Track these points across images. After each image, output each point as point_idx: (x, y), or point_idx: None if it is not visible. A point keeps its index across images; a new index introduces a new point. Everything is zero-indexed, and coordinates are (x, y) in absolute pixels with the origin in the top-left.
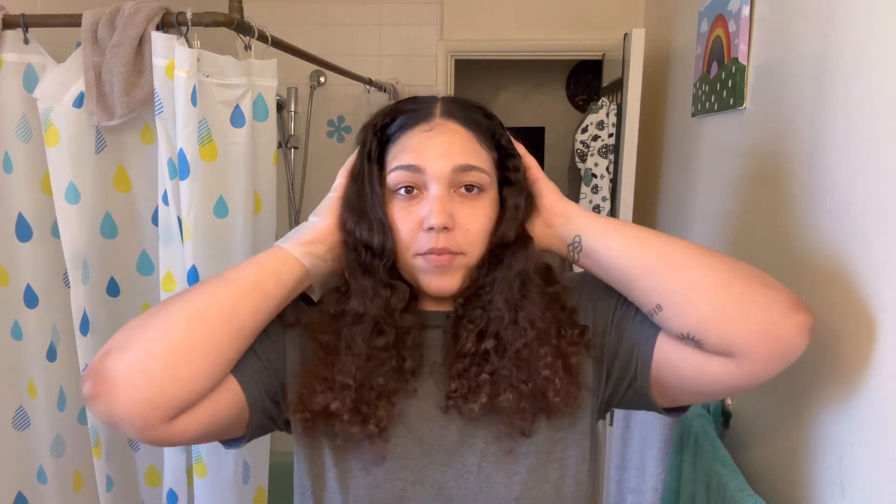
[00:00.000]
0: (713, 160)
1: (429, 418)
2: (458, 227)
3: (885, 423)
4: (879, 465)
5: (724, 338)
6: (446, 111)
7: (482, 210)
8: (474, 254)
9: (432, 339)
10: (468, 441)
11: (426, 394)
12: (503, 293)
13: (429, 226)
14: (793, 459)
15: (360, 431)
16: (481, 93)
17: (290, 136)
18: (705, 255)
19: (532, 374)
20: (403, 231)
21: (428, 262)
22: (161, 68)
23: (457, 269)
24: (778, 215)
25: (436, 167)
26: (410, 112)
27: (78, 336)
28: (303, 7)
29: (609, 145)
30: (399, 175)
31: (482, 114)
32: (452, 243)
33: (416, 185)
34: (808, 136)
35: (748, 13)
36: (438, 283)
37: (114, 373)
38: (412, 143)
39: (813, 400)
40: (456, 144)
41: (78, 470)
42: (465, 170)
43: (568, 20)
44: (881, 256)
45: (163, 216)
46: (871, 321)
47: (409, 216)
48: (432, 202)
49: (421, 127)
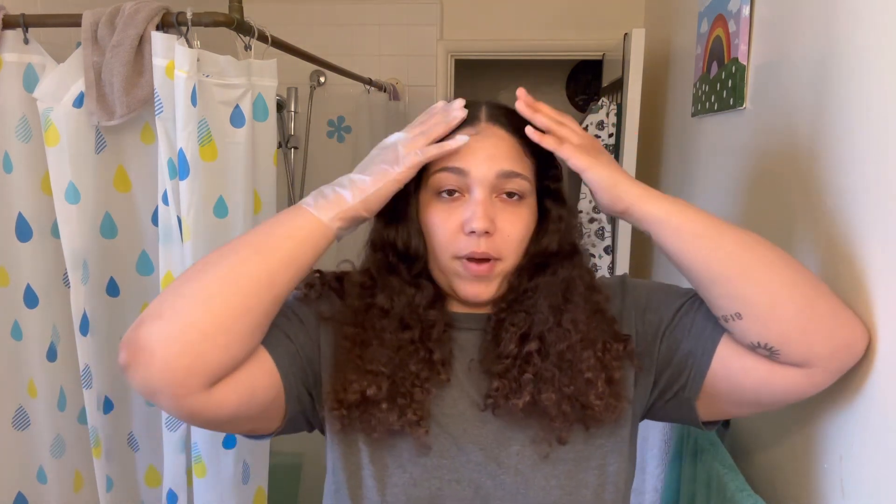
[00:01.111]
0: (713, 160)
1: (464, 419)
2: (498, 233)
3: (885, 423)
4: (879, 465)
5: (808, 351)
6: (491, 116)
7: (522, 217)
8: (510, 260)
9: (463, 340)
10: (504, 443)
11: (460, 394)
12: (547, 298)
13: (471, 229)
14: (793, 459)
15: (398, 420)
16: (481, 93)
17: (290, 136)
18: (787, 266)
19: (574, 376)
20: (443, 233)
21: (467, 270)
22: (161, 68)
23: (494, 278)
24: (777, 215)
25: (480, 171)
26: None
27: (78, 336)
28: (303, 7)
29: (609, 145)
30: (443, 177)
31: (524, 122)
32: (492, 248)
33: (459, 189)
34: (808, 136)
35: (748, 13)
36: (475, 290)
37: (150, 341)
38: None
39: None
40: (501, 149)
41: (78, 470)
42: (508, 176)
43: (568, 20)
44: (881, 256)
45: (163, 216)
46: (870, 321)
47: (449, 217)
48: (475, 206)
49: (466, 130)
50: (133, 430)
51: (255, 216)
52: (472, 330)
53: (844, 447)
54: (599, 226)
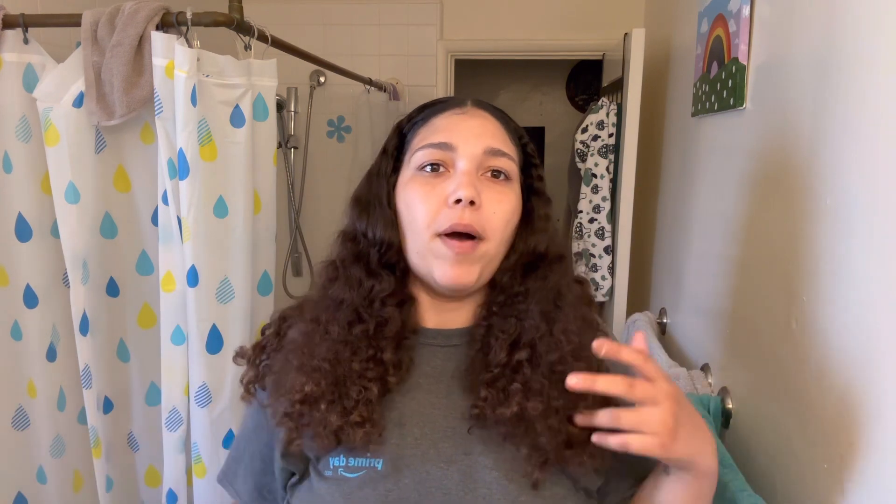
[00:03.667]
0: (713, 160)
1: (426, 459)
2: (482, 209)
3: (885, 423)
4: (879, 465)
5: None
6: (477, 103)
7: (508, 198)
8: (494, 242)
9: (437, 359)
10: (471, 488)
11: (425, 422)
12: (539, 304)
13: (456, 198)
14: (793, 459)
15: (339, 418)
16: (481, 93)
17: (290, 136)
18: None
19: (564, 389)
20: (424, 208)
21: (449, 248)
22: (161, 68)
23: (476, 260)
24: (778, 215)
25: (468, 146)
26: (440, 103)
27: (78, 336)
28: (303, 7)
29: (609, 145)
30: (427, 153)
31: (509, 118)
32: (476, 222)
33: (444, 163)
34: (808, 136)
35: (748, 13)
36: (456, 272)
37: None
38: (443, 123)
39: (813, 400)
40: (488, 129)
41: (78, 470)
42: (495, 154)
43: (568, 20)
44: (880, 256)
45: (162, 216)
46: (870, 320)
47: (432, 192)
48: (461, 176)
49: (453, 111)
50: (133, 430)
51: (255, 216)
52: (444, 347)
53: (844, 447)
54: (599, 226)
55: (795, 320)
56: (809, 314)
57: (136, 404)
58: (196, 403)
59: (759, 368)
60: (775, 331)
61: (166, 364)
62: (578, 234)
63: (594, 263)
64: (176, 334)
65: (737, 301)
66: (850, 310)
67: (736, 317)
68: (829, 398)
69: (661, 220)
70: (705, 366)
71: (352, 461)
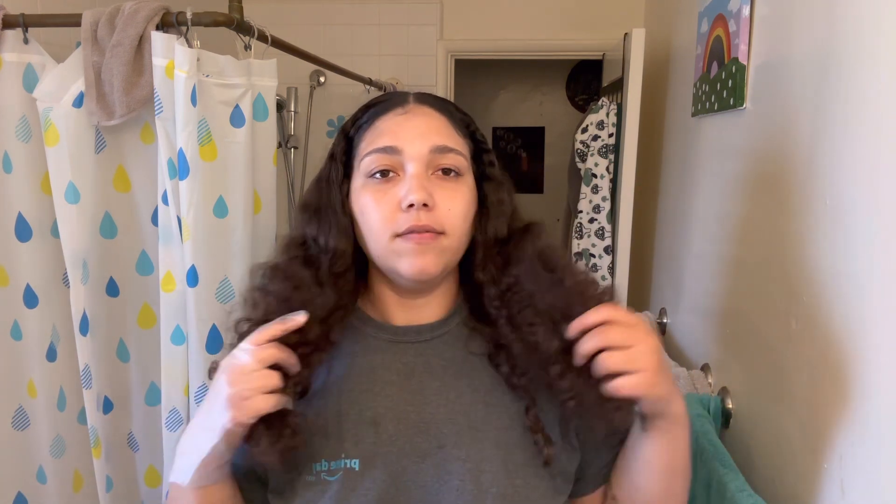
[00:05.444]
0: (713, 160)
1: (402, 454)
2: (437, 208)
3: (885, 424)
4: (879, 465)
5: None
6: (419, 98)
7: (461, 193)
8: (455, 236)
9: (403, 353)
10: (444, 479)
11: (399, 419)
12: (534, 282)
13: (408, 203)
14: (793, 459)
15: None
16: (481, 93)
17: (290, 136)
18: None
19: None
20: (379, 215)
21: (408, 241)
22: (161, 68)
23: (438, 250)
24: (777, 215)
25: (414, 147)
26: (382, 102)
27: (78, 336)
28: (303, 7)
29: (609, 145)
30: (374, 158)
31: (454, 107)
32: (433, 221)
33: (393, 167)
34: (808, 136)
35: (748, 13)
36: (420, 263)
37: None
38: (386, 125)
39: (813, 400)
40: (432, 126)
41: (78, 470)
42: (442, 151)
43: (568, 20)
44: (880, 255)
45: (162, 216)
46: (870, 321)
47: (384, 198)
48: (410, 180)
49: (395, 111)
50: (133, 430)
51: (255, 216)
52: (414, 343)
53: (844, 447)
54: (599, 226)
55: (795, 320)
56: (809, 314)
57: (136, 404)
58: (196, 403)
59: (759, 368)
60: (775, 331)
61: (166, 364)
62: (578, 235)
63: (594, 263)
64: (176, 334)
65: (737, 301)
66: (851, 310)
67: (736, 317)
68: (829, 398)
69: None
70: (705, 366)
71: (333, 464)
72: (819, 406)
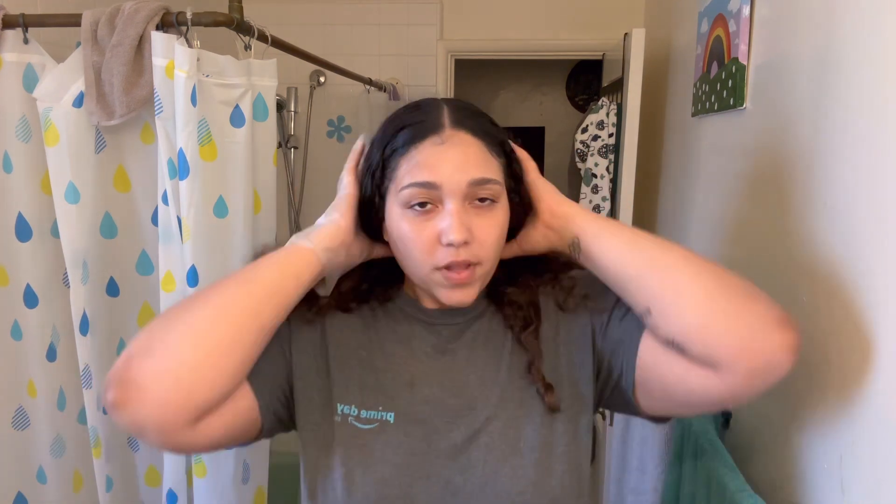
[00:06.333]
0: (713, 160)
1: (435, 414)
2: (475, 240)
3: (884, 424)
4: (879, 465)
5: (706, 348)
6: (455, 121)
7: (497, 222)
8: (489, 263)
9: (436, 334)
10: (474, 437)
11: (433, 384)
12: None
13: (448, 242)
14: (793, 459)
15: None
16: (481, 93)
17: (290, 136)
18: (695, 263)
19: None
20: (419, 246)
21: (448, 280)
22: (161, 68)
23: (475, 282)
24: (777, 215)
25: (452, 183)
26: (417, 123)
27: (78, 336)
28: (303, 7)
29: (609, 145)
30: (413, 192)
31: (489, 121)
32: (471, 255)
33: (431, 201)
34: (808, 136)
35: (748, 13)
36: (459, 296)
37: (141, 379)
38: (424, 157)
39: (813, 400)
40: (470, 157)
41: (78, 470)
42: (480, 183)
43: (568, 20)
44: (880, 256)
45: (162, 216)
46: (870, 321)
47: (423, 230)
48: (451, 217)
49: (432, 140)
50: None
51: (255, 216)
52: (448, 325)
53: (844, 447)
54: None
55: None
56: (809, 314)
57: None
58: None
59: None
60: None
61: None
62: None
63: None
64: None
65: None
66: (850, 309)
67: None
68: (829, 398)
69: (661, 221)
70: None
71: (364, 413)
72: (819, 406)
